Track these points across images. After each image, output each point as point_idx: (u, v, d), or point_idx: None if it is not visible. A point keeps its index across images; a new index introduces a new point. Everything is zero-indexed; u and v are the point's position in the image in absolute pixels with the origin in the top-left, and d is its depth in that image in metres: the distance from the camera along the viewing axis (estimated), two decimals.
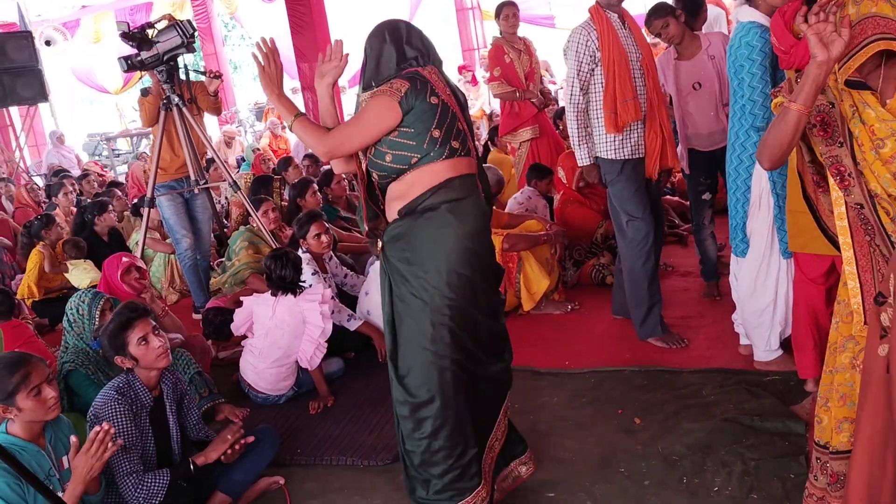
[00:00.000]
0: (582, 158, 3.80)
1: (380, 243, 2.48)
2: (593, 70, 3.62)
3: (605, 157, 3.74)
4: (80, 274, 5.74)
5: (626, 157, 3.71)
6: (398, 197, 2.41)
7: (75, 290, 5.68)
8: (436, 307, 2.34)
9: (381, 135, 2.34)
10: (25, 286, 5.91)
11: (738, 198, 3.27)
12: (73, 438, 2.41)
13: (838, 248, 2.09)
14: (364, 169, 2.51)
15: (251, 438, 2.93)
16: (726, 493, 2.64)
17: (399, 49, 2.42)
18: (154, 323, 2.86)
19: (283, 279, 3.79)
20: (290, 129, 2.44)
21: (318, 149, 2.40)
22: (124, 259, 4.10)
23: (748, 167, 3.14)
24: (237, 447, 2.87)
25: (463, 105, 2.48)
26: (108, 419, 2.62)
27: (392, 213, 2.44)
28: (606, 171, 3.78)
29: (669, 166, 3.86)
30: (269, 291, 3.87)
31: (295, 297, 3.80)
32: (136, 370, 2.80)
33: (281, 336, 3.78)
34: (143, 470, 2.68)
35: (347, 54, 2.47)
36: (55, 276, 5.90)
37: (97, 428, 2.38)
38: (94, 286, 4.96)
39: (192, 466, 2.80)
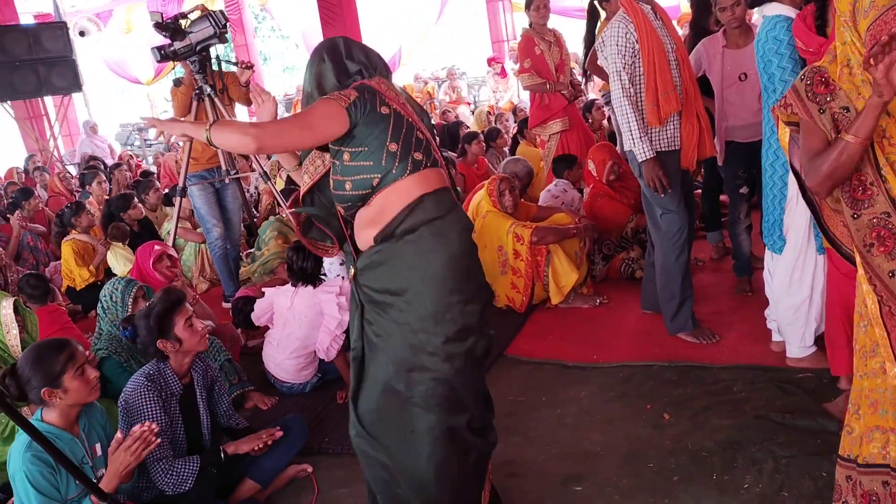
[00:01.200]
0: (644, 152, 3.58)
1: (352, 270, 2.28)
2: (633, 63, 3.57)
3: None
4: (119, 259, 5.82)
5: (662, 150, 3.65)
6: (370, 223, 2.20)
7: (108, 277, 5.77)
8: (419, 344, 2.17)
9: (322, 141, 2.14)
10: (68, 275, 6.00)
11: (774, 194, 3.22)
12: (118, 435, 2.43)
13: (840, 252, 2.07)
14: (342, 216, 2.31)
15: (280, 433, 2.96)
16: (756, 490, 2.61)
17: (339, 65, 2.24)
18: (191, 309, 2.91)
19: (304, 270, 3.82)
20: (210, 142, 2.14)
21: (244, 140, 2.08)
22: (156, 247, 4.16)
23: (784, 163, 3.09)
24: (267, 441, 2.91)
25: (420, 113, 2.30)
26: (138, 406, 2.67)
27: (366, 240, 2.23)
28: (639, 163, 3.71)
29: (707, 156, 3.80)
30: (290, 282, 3.90)
31: (314, 288, 3.83)
32: (172, 356, 2.83)
33: (298, 327, 3.80)
34: (173, 456, 2.71)
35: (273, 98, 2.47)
36: (87, 264, 5.98)
37: (138, 426, 2.41)
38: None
39: (222, 455, 2.83)
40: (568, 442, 3.12)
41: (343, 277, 4.24)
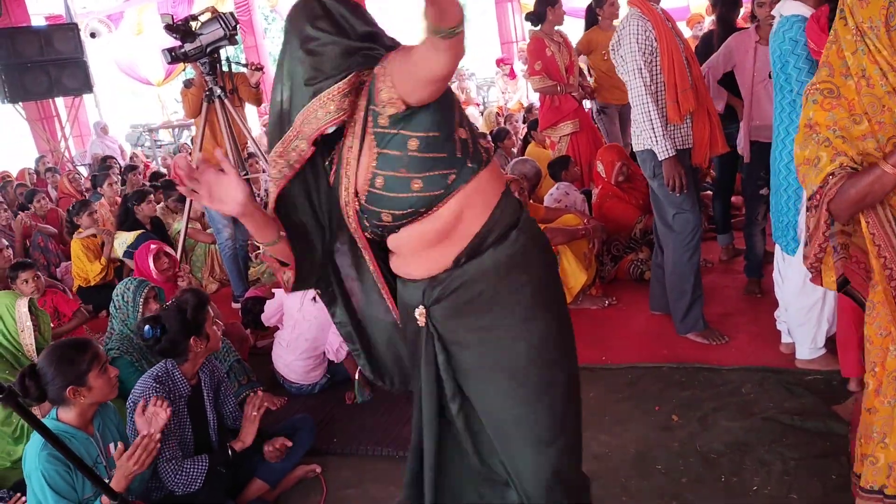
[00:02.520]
0: (666, 150, 3.54)
1: (421, 314, 1.78)
2: (651, 61, 3.56)
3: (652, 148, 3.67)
4: (120, 243, 5.86)
5: (678, 148, 3.64)
6: (441, 238, 1.70)
7: (118, 276, 5.81)
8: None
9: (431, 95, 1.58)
10: (79, 274, 6.04)
11: (788, 195, 3.19)
12: (120, 444, 2.45)
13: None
14: (359, 227, 1.76)
15: (289, 443, 3.00)
16: (765, 492, 2.60)
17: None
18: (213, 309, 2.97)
19: None
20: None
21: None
22: (152, 246, 4.16)
23: None
24: (279, 447, 2.95)
25: None
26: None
27: (433, 265, 1.74)
28: (654, 162, 3.68)
29: (719, 153, 3.79)
30: None
31: None
32: (192, 356, 2.84)
33: (307, 328, 3.81)
34: (182, 456, 2.73)
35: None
36: (97, 258, 6.01)
37: (142, 435, 2.43)
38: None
39: (230, 453, 2.85)
40: None
41: None
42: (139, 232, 5.79)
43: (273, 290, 4.13)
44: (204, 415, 2.93)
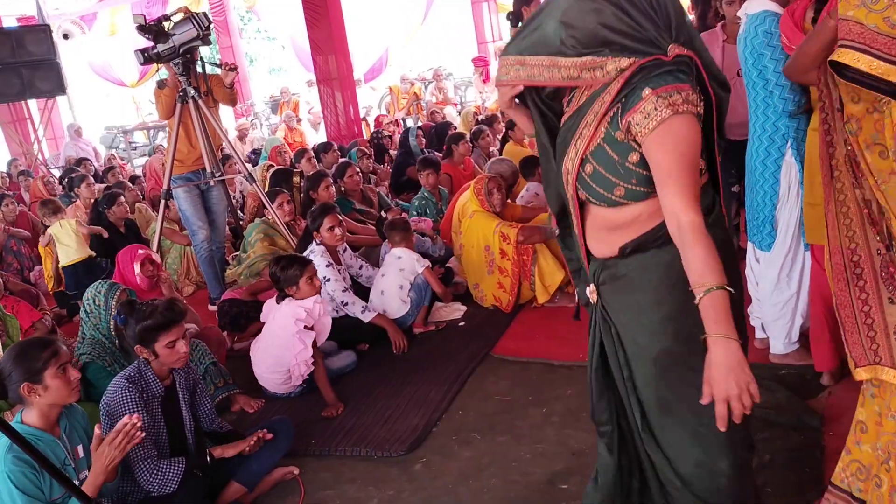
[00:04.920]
0: None
1: (591, 291, 1.91)
2: None
3: None
4: (63, 236, 5.76)
5: None
6: (614, 228, 1.81)
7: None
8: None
9: None
10: (51, 276, 5.97)
11: (764, 191, 3.19)
12: (96, 430, 2.43)
13: None
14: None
15: (270, 435, 2.98)
16: None
17: None
18: (186, 327, 2.90)
19: (277, 279, 3.79)
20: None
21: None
22: (140, 251, 4.14)
23: (776, 159, 3.08)
24: (257, 440, 2.93)
25: None
26: (120, 407, 2.67)
27: (597, 247, 1.88)
28: None
29: None
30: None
31: (291, 303, 3.74)
32: (151, 361, 2.83)
33: (271, 344, 3.75)
34: (157, 457, 2.71)
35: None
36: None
37: (125, 419, 2.41)
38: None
39: (208, 457, 2.83)
40: (554, 440, 3.12)
41: (326, 280, 4.22)
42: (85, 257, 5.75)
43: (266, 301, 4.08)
44: (179, 416, 2.90)
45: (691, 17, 6.32)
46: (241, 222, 6.29)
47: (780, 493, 2.56)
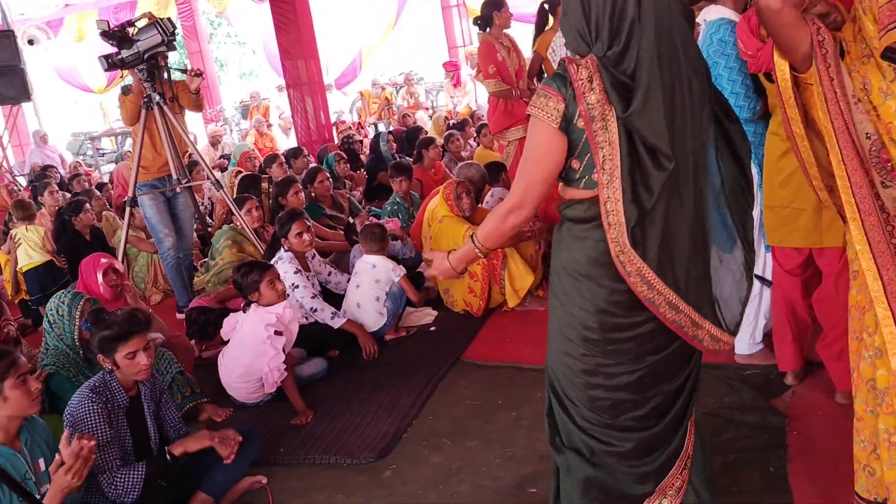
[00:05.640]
0: None
1: None
2: None
3: None
4: (26, 246, 5.68)
5: None
6: None
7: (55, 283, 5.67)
8: None
9: None
10: (9, 281, 5.88)
11: None
12: (57, 456, 2.37)
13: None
14: None
15: (240, 438, 2.95)
16: None
17: None
18: (149, 338, 2.86)
19: (240, 287, 3.75)
20: (485, 252, 2.06)
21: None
22: (102, 260, 4.08)
23: None
24: (233, 449, 2.92)
25: None
26: (83, 418, 2.64)
27: None
28: None
29: None
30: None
31: (258, 309, 3.70)
32: (115, 371, 2.79)
33: (241, 353, 3.70)
34: (120, 466, 2.69)
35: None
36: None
37: (76, 443, 2.35)
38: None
39: (169, 457, 2.81)
40: (524, 444, 3.13)
41: (295, 286, 4.19)
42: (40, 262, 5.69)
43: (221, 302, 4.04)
44: (145, 426, 2.87)
45: None
46: (209, 229, 6.23)
47: (744, 493, 2.58)
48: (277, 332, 3.63)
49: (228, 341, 3.91)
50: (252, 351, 3.65)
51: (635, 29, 1.70)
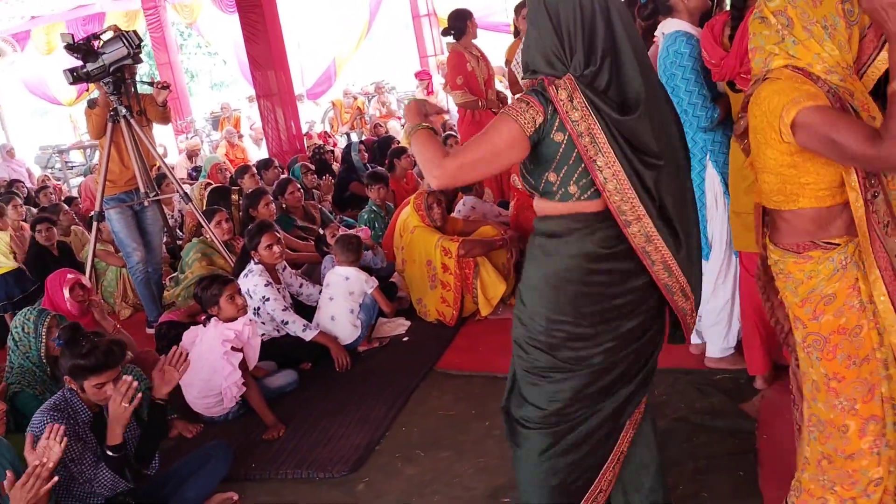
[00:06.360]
0: None
1: None
2: None
3: None
4: None
5: None
6: None
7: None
8: None
9: None
10: None
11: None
12: (8, 473, 2.33)
13: None
14: None
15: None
16: (678, 491, 2.65)
17: None
18: (119, 371, 2.82)
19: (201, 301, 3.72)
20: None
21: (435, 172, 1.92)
22: (69, 276, 4.03)
23: (699, 172, 3.16)
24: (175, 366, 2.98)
25: None
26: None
27: None
28: None
29: None
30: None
31: (217, 325, 3.66)
32: (79, 393, 2.76)
33: (200, 368, 3.63)
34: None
35: None
36: None
37: (34, 463, 2.32)
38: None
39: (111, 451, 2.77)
40: (496, 454, 3.12)
41: (265, 299, 4.16)
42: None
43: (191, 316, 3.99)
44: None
45: None
46: (178, 242, 6.17)
47: (715, 498, 2.60)
48: (235, 349, 3.59)
49: None
50: (210, 366, 3.61)
51: (609, 47, 1.83)
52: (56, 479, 2.35)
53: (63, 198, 9.48)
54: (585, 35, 1.82)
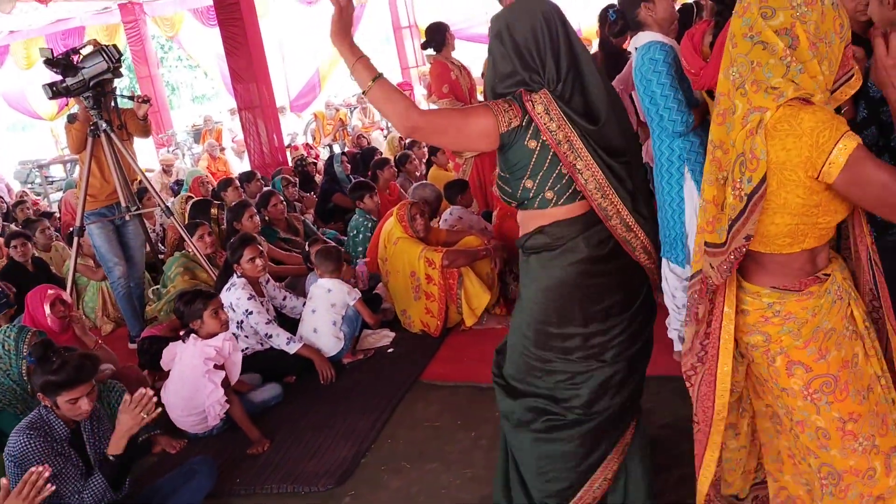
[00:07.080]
0: None
1: None
2: None
3: None
4: None
5: None
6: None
7: None
8: None
9: None
10: None
11: (672, 209, 3.28)
12: (2, 481, 2.32)
13: None
14: None
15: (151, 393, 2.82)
16: (663, 497, 2.67)
17: None
18: (93, 385, 2.79)
19: (182, 315, 3.70)
20: (365, 95, 2.14)
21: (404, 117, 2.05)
22: (49, 291, 3.99)
23: (678, 179, 3.19)
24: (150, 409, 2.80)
25: None
26: (28, 457, 2.58)
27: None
28: None
29: None
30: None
31: (198, 342, 3.63)
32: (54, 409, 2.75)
33: (182, 386, 3.62)
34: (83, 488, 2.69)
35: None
36: None
37: (31, 470, 2.31)
38: None
39: (112, 458, 2.76)
40: (483, 464, 3.12)
41: (248, 313, 4.14)
42: None
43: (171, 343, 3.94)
44: (87, 456, 2.83)
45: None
46: (160, 256, 6.13)
47: None
48: (217, 366, 3.57)
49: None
50: (192, 384, 3.58)
51: (570, 61, 2.02)
52: (52, 487, 2.34)
53: (41, 213, 9.41)
54: (553, 52, 2.01)
